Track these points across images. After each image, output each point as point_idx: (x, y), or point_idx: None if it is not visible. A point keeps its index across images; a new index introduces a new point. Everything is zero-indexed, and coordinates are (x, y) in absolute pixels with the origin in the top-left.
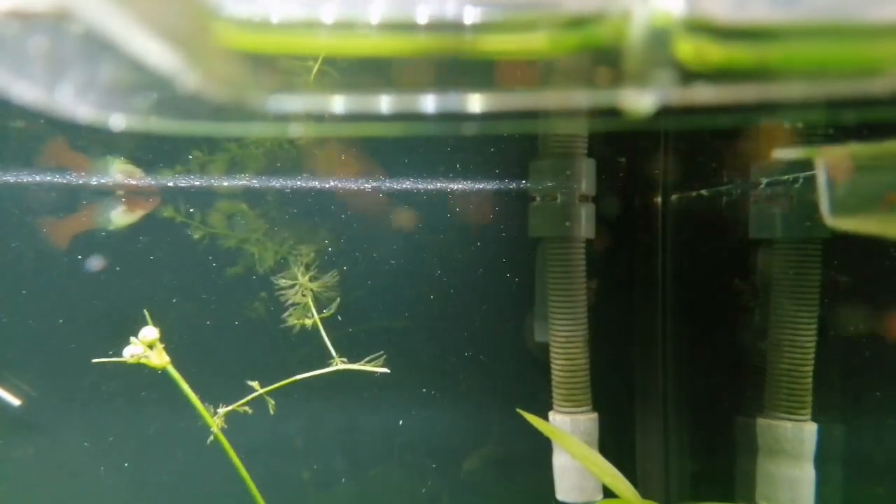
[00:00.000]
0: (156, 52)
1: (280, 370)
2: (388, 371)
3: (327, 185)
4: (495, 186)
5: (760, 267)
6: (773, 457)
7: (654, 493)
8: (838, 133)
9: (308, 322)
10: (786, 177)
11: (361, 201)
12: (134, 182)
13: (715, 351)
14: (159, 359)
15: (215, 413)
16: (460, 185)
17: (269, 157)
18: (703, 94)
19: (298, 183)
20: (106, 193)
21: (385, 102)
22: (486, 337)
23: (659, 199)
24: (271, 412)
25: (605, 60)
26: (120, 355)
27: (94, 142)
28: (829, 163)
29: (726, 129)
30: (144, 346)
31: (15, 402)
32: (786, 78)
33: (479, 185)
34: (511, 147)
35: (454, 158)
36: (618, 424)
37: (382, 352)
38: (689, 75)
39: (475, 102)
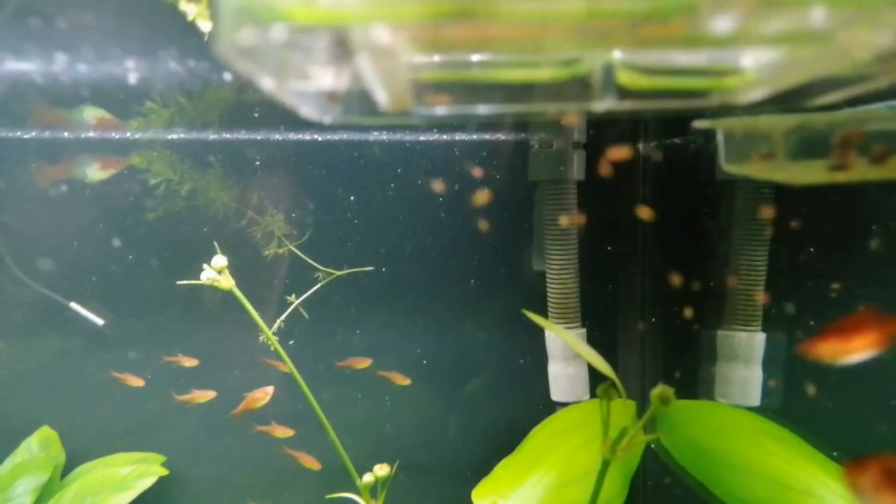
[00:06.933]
0: None
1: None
2: (373, 268)
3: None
4: (499, 137)
5: (724, 204)
6: (729, 362)
7: (632, 395)
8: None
9: (281, 251)
10: None
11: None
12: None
13: (685, 276)
14: (227, 282)
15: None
16: (467, 137)
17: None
18: (632, 105)
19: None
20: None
21: None
22: (491, 267)
23: (640, 146)
24: (305, 316)
25: (583, 83)
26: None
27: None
28: (725, 129)
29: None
30: (216, 272)
31: (99, 321)
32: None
33: (484, 136)
34: None
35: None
36: (603, 338)
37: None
38: (625, 93)
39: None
